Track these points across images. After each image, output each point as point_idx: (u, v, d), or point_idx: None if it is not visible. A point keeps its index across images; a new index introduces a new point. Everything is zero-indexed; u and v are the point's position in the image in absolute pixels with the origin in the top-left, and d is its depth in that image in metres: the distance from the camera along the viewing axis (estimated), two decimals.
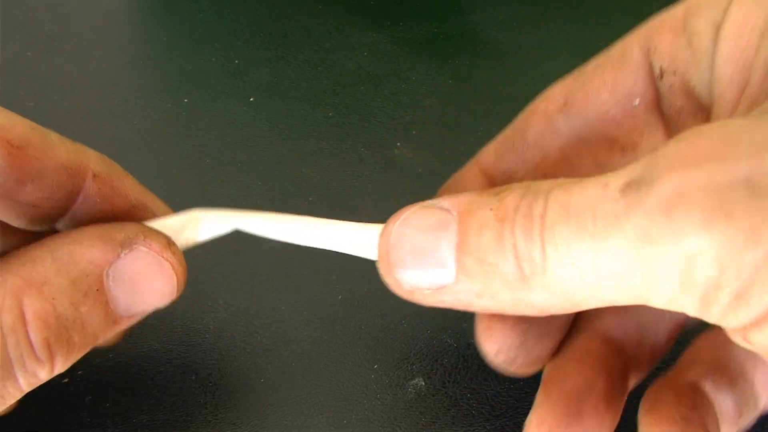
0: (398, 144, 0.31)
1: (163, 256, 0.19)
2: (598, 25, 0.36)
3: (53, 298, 0.18)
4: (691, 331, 0.21)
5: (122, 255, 0.19)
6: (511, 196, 0.15)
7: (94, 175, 0.20)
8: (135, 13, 0.38)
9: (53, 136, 0.20)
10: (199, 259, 0.27)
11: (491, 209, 0.16)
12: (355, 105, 0.33)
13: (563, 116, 0.21)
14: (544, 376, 0.20)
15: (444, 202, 0.17)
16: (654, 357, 0.21)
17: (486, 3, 0.38)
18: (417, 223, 0.17)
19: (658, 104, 0.20)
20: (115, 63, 0.35)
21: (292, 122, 0.32)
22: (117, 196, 0.21)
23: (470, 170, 0.22)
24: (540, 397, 0.19)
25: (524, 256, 0.15)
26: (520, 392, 0.24)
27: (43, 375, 0.18)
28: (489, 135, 0.32)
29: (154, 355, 0.26)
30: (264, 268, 0.28)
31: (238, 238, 0.28)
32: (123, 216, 0.21)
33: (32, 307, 0.17)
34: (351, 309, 0.26)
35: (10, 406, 0.19)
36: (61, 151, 0.19)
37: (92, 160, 0.20)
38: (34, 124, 0.19)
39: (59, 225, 0.21)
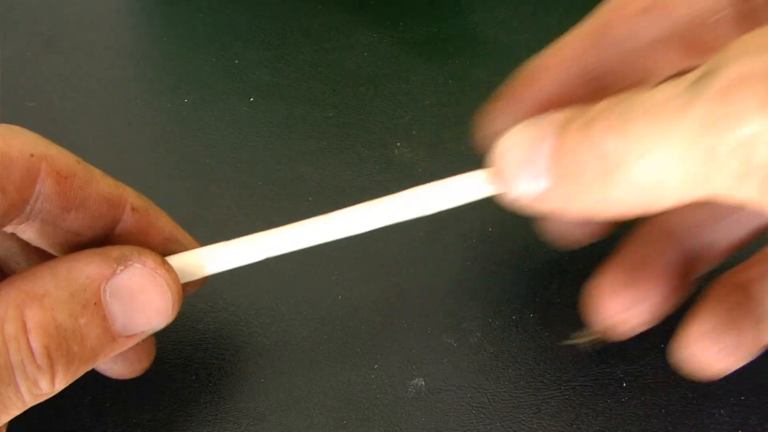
0: (398, 144, 0.32)
1: (156, 272, 0.20)
2: None
3: (53, 309, 0.18)
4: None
5: (118, 271, 0.20)
6: (601, 103, 0.17)
7: (133, 208, 0.21)
8: (135, 13, 0.38)
9: (97, 171, 0.21)
10: None
11: (585, 114, 0.17)
12: (355, 105, 0.33)
13: (646, 19, 0.22)
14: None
15: (543, 119, 0.19)
16: (715, 257, 0.23)
17: (486, 3, 0.38)
18: (520, 134, 0.19)
19: (747, 16, 0.21)
20: (115, 63, 0.35)
21: (292, 122, 0.32)
22: (152, 229, 0.22)
23: (555, 58, 0.23)
24: (606, 266, 0.22)
25: (605, 152, 0.16)
26: (521, 392, 0.24)
27: (44, 384, 0.19)
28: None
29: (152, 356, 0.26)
30: (264, 268, 0.28)
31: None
32: (157, 248, 0.22)
33: (33, 317, 0.18)
34: (351, 309, 0.26)
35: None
36: (103, 184, 0.21)
37: (131, 195, 0.22)
38: (80, 159, 0.21)
39: None
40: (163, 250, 0.22)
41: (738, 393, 0.24)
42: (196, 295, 0.27)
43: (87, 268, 0.19)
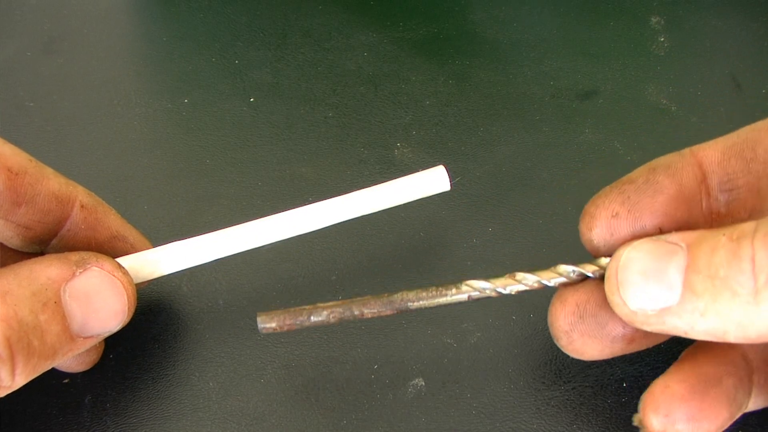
0: (398, 144, 0.31)
1: (114, 275, 0.22)
2: (598, 25, 0.36)
3: (15, 305, 0.19)
4: None
5: (77, 274, 0.21)
6: (747, 224, 0.17)
7: (82, 206, 0.23)
8: (135, 13, 0.38)
9: (48, 170, 0.22)
10: None
11: (724, 235, 0.17)
12: (355, 105, 0.33)
13: None
14: (682, 356, 0.21)
15: (673, 236, 0.18)
16: None
17: (486, 3, 0.38)
18: (647, 248, 0.18)
19: None
20: (115, 63, 0.35)
21: (292, 122, 0.32)
22: (100, 226, 0.23)
23: (688, 160, 0.21)
24: (673, 368, 0.20)
25: (762, 266, 0.16)
26: (521, 392, 0.24)
27: (4, 374, 0.19)
28: (489, 135, 0.32)
29: (153, 356, 0.26)
30: (264, 268, 0.28)
31: None
32: (104, 244, 0.23)
33: None
34: None
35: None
36: (53, 181, 0.22)
37: (81, 193, 0.23)
38: (32, 158, 0.22)
39: (49, 249, 0.23)
40: (111, 246, 0.24)
41: None
42: (196, 296, 0.27)
43: (48, 270, 0.21)
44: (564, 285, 0.21)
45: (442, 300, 0.22)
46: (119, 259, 0.23)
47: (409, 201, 0.25)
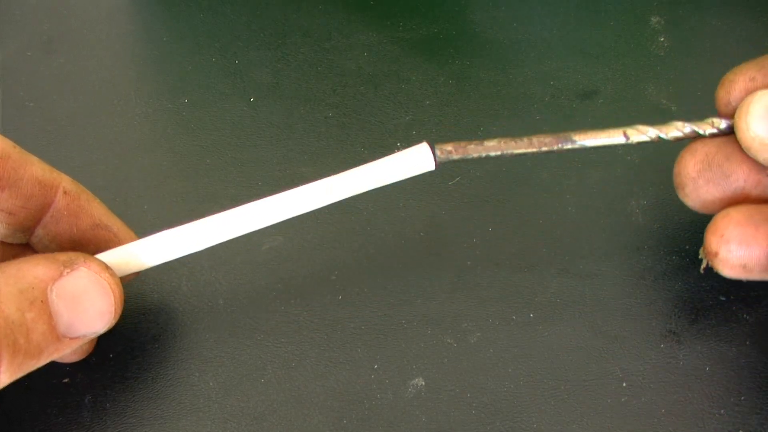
0: (398, 144, 0.31)
1: (101, 276, 0.21)
2: (598, 25, 0.36)
3: (1, 302, 0.19)
4: None
5: (65, 274, 0.21)
6: None
7: (65, 192, 0.23)
8: (135, 13, 0.38)
9: (32, 157, 0.22)
10: (199, 260, 0.27)
11: None
12: (355, 105, 0.33)
13: None
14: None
15: None
16: None
17: (486, 3, 0.38)
18: None
19: None
20: (115, 63, 0.35)
21: (292, 122, 0.32)
22: (83, 213, 0.23)
23: None
24: (738, 205, 0.24)
25: None
26: (520, 392, 0.24)
27: None
28: (489, 135, 0.32)
29: (153, 355, 0.26)
30: (264, 268, 0.28)
31: (238, 238, 0.28)
32: (87, 231, 0.24)
33: None
34: (351, 309, 0.26)
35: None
36: (37, 167, 0.22)
37: (64, 179, 0.23)
38: (16, 145, 0.22)
39: (33, 239, 0.24)
40: (93, 235, 0.24)
41: (738, 393, 0.24)
42: (196, 295, 0.27)
43: (35, 269, 0.21)
44: (712, 135, 0.24)
45: (603, 139, 0.25)
46: (105, 253, 0.23)
47: (396, 181, 0.24)
